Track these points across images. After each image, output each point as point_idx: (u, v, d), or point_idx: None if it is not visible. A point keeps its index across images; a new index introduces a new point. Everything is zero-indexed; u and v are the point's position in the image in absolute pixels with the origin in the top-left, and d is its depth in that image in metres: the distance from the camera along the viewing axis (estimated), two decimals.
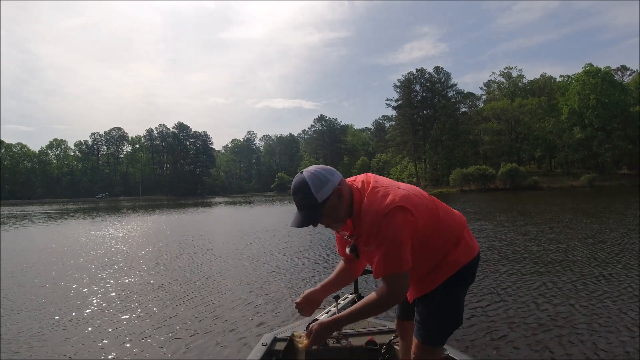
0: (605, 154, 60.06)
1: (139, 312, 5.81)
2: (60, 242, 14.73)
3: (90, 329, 5.20)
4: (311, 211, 1.80)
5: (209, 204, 47.22)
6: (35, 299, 6.81)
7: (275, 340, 2.83)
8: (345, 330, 2.95)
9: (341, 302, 3.40)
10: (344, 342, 2.84)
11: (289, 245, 11.96)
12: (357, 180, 1.95)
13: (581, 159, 66.34)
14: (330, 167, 1.87)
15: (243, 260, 9.83)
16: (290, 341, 1.82)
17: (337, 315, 1.89)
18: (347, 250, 2.02)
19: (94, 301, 6.51)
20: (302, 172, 1.85)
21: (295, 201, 1.84)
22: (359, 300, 3.53)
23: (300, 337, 1.83)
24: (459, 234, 2.02)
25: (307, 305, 2.14)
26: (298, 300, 2.15)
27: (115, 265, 9.54)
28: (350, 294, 3.66)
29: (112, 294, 6.95)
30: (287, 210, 31.00)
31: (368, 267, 2.08)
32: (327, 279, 2.25)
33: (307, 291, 2.16)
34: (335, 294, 3.25)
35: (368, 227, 1.79)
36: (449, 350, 2.52)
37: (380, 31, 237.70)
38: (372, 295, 1.84)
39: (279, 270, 8.43)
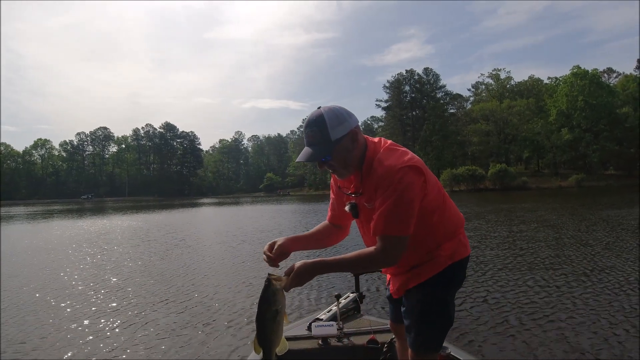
0: (592, 154, 60.69)
1: (136, 313, 5.64)
2: (47, 243, 14.32)
3: (95, 331, 5.01)
4: (322, 147, 1.70)
5: (196, 205, 46.73)
6: (26, 300, 6.57)
7: None
8: (347, 329, 2.89)
9: (342, 301, 3.31)
10: (345, 340, 2.78)
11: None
12: (374, 138, 1.86)
13: (569, 160, 66.88)
14: (349, 110, 1.76)
15: (237, 260, 9.62)
16: (268, 282, 1.62)
17: (323, 258, 1.70)
18: (347, 208, 1.92)
19: (94, 305, 6.20)
20: (319, 107, 1.75)
21: (306, 135, 1.73)
22: (360, 300, 3.49)
23: (277, 277, 1.64)
24: (457, 229, 1.92)
25: (277, 257, 1.91)
26: (269, 251, 1.91)
27: (108, 267, 9.23)
28: (352, 292, 3.55)
29: (109, 295, 6.73)
30: (277, 210, 30.96)
31: None
32: (302, 233, 2.09)
33: (279, 242, 1.92)
34: (336, 293, 3.22)
35: (379, 179, 1.69)
36: (450, 349, 2.46)
37: (367, 32, 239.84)
38: (367, 250, 1.71)
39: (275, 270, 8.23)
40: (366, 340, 2.72)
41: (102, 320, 5.36)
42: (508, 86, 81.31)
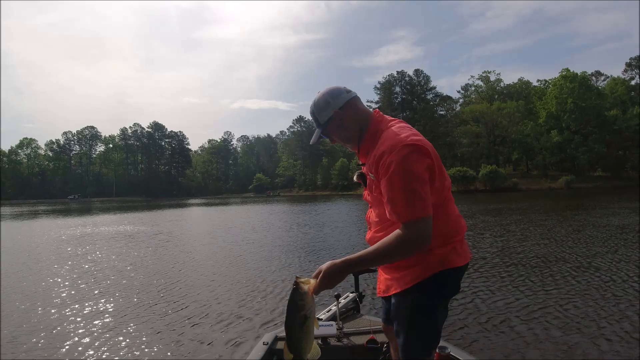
0: (581, 156, 61.11)
1: (135, 314, 5.58)
2: (35, 245, 14.03)
3: (99, 333, 4.92)
4: (319, 129, 1.91)
5: (185, 206, 46.24)
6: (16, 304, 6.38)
7: (277, 339, 2.82)
8: (346, 329, 2.91)
9: (342, 301, 3.33)
10: (344, 340, 2.80)
11: (278, 245, 11.73)
12: (389, 117, 1.86)
13: (557, 162, 67.35)
14: (340, 88, 1.86)
15: (235, 261, 9.52)
16: (295, 285, 1.57)
17: (348, 256, 1.64)
18: (355, 177, 1.98)
19: (95, 309, 5.99)
20: (319, 92, 1.89)
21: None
22: (360, 300, 3.51)
23: (305, 280, 1.59)
24: (454, 237, 1.80)
25: None
26: None
27: (95, 269, 8.98)
28: (352, 292, 3.57)
29: (105, 297, 6.55)
30: (269, 211, 30.68)
31: None
32: None
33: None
34: (336, 293, 3.22)
35: (382, 154, 1.65)
36: (450, 349, 2.48)
37: (357, 34, 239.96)
38: (390, 239, 1.61)
39: (273, 271, 8.15)
40: (366, 340, 2.72)
41: (109, 323, 5.24)
42: (498, 88, 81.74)
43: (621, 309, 5.16)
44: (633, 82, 73.08)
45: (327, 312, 3.24)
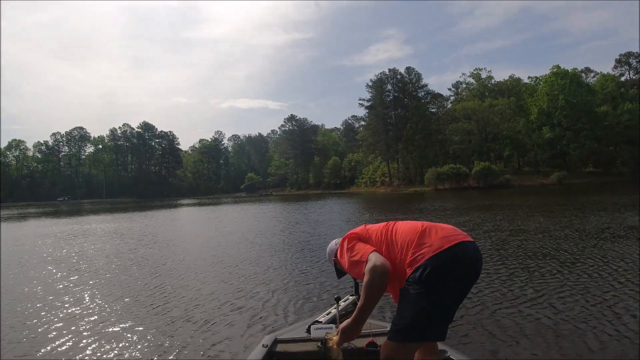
0: (572, 152, 61.42)
1: (132, 316, 5.50)
2: (25, 248, 13.88)
3: (95, 336, 4.82)
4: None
5: (176, 206, 45.87)
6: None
7: (276, 341, 2.89)
8: None
9: (342, 304, 3.45)
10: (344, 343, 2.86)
11: (276, 246, 11.46)
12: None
13: (549, 158, 67.66)
14: (332, 245, 2.73)
15: (229, 262, 9.25)
16: (324, 341, 2.29)
17: (353, 315, 2.24)
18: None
19: (94, 311, 5.84)
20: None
21: None
22: (359, 301, 3.20)
23: (331, 337, 2.25)
24: (408, 249, 2.21)
25: None
26: None
27: (95, 271, 8.74)
28: (351, 295, 3.70)
29: (97, 299, 6.43)
30: (261, 210, 30.54)
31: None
32: None
33: None
34: (336, 296, 3.25)
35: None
36: (450, 352, 2.58)
37: (346, 33, 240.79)
38: (365, 284, 2.16)
39: (266, 272, 7.99)
40: (365, 343, 2.76)
41: (105, 324, 5.16)
42: (489, 85, 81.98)
43: (607, 298, 5.27)
44: (623, 79, 73.84)
45: (327, 314, 3.31)
